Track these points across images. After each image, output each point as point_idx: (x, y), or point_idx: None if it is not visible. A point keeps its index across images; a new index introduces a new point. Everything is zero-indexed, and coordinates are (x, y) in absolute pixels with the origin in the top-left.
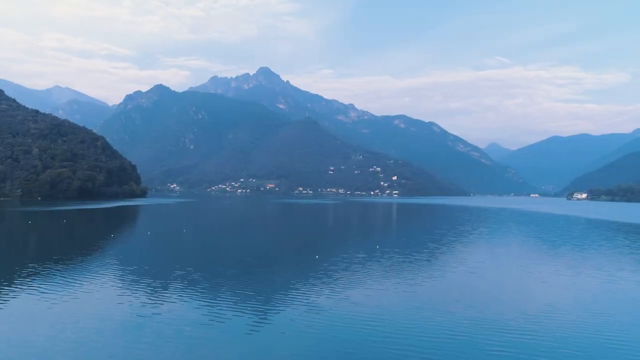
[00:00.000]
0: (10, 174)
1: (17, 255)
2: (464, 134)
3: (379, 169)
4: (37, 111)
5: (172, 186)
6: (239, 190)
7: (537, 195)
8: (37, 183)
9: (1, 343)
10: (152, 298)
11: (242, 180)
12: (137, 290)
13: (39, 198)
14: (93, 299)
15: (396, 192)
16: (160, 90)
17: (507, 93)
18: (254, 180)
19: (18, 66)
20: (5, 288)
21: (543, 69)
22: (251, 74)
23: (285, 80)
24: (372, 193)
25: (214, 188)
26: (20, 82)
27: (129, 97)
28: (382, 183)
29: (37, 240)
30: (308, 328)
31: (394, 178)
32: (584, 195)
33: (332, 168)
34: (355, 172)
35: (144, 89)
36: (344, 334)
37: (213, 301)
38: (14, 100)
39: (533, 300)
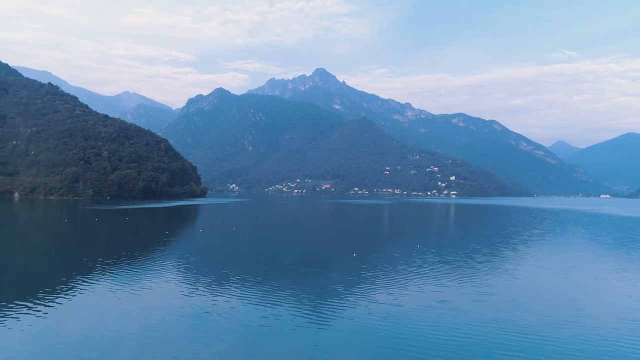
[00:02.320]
0: (83, 175)
1: (79, 251)
2: (527, 132)
3: (436, 168)
4: (106, 116)
5: (231, 186)
6: (295, 191)
7: (608, 196)
8: (107, 183)
9: (72, 334)
10: (202, 292)
11: (298, 180)
12: (189, 285)
13: (108, 197)
14: (151, 293)
15: (454, 192)
16: (221, 93)
17: (574, 88)
18: (309, 181)
19: (91, 74)
20: (68, 282)
21: (614, 62)
22: (307, 75)
23: (341, 81)
24: (429, 193)
25: (271, 188)
26: (93, 89)
27: (191, 101)
28: (439, 183)
29: (99, 237)
30: (340, 326)
31: (452, 178)
32: None
33: (388, 168)
34: (412, 172)
35: (205, 92)
36: (358, 332)
37: (254, 296)
38: (86, 106)
39: (564, 304)
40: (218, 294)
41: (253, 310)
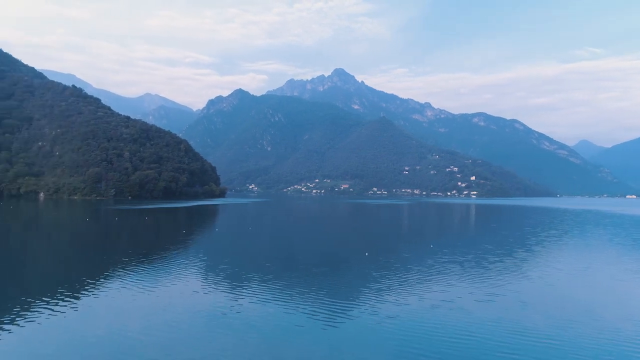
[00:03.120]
0: (105, 175)
1: (98, 249)
2: (550, 131)
3: (456, 168)
4: (128, 117)
5: (250, 186)
6: (314, 191)
7: (634, 196)
8: (128, 184)
9: (93, 330)
10: (215, 291)
11: (317, 180)
12: (202, 284)
13: (129, 197)
14: (165, 290)
15: (474, 192)
16: (240, 94)
17: (600, 86)
18: (328, 181)
19: (114, 76)
20: (88, 280)
21: None
22: (326, 76)
23: (359, 81)
24: (448, 194)
25: (289, 188)
26: (115, 91)
27: (211, 102)
28: (459, 183)
29: (118, 236)
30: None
31: (472, 178)
32: None
33: (407, 168)
34: (431, 172)
35: (225, 93)
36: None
37: (264, 295)
38: (109, 108)
39: (574, 305)
40: (230, 292)
41: (262, 309)
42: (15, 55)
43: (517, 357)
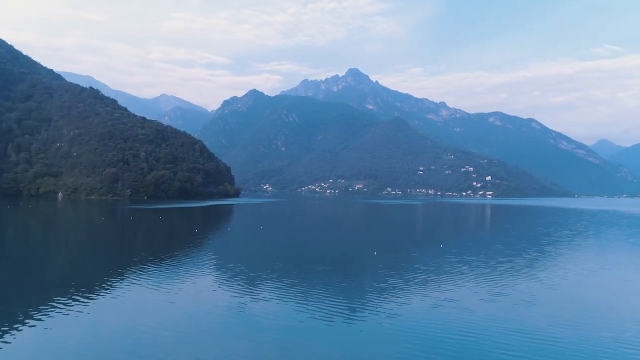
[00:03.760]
0: (122, 175)
1: (112, 247)
2: (568, 130)
3: (471, 168)
4: (144, 118)
5: (264, 187)
6: (328, 191)
7: None
8: (144, 184)
9: (109, 327)
10: (221, 289)
11: (331, 180)
12: (209, 282)
13: (145, 197)
14: (173, 289)
15: (490, 192)
16: (255, 95)
17: (619, 84)
18: (342, 181)
19: (131, 78)
20: (101, 277)
21: None
22: (340, 76)
23: (374, 81)
24: (464, 194)
25: (304, 189)
26: (132, 92)
27: (225, 103)
28: (474, 183)
29: (131, 235)
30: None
31: (488, 178)
32: None
33: (421, 168)
34: (446, 172)
35: (240, 94)
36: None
37: (269, 294)
38: (125, 109)
39: (580, 306)
40: (239, 291)
41: (270, 308)
42: (34, 58)
43: (521, 358)
